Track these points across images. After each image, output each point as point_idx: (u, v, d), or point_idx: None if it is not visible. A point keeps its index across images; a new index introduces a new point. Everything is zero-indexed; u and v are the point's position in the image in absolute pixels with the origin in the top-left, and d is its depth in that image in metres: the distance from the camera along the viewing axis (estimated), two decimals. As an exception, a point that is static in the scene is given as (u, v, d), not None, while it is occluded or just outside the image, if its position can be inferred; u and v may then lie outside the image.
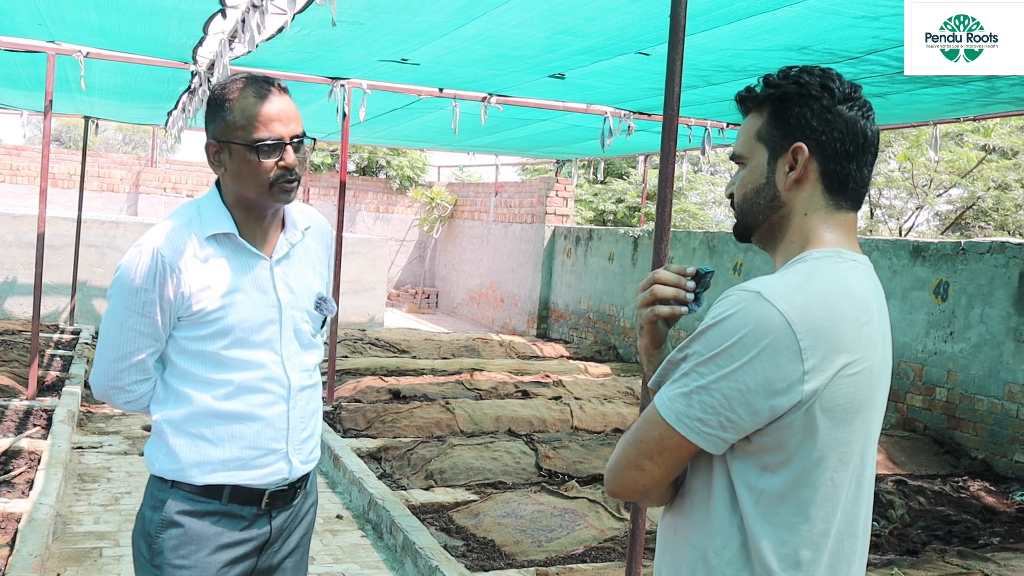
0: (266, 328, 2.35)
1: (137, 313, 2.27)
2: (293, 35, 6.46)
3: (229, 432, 2.33)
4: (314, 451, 2.51)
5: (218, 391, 2.32)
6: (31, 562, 4.42)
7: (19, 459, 6.13)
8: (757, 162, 1.68)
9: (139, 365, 2.33)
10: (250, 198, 2.32)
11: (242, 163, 2.27)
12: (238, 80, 2.31)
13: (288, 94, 2.33)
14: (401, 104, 9.60)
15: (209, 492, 2.32)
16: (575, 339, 13.90)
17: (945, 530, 5.87)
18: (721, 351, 1.51)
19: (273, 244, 2.41)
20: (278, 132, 2.26)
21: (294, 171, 2.30)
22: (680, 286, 1.69)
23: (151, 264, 2.25)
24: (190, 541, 2.29)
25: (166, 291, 2.26)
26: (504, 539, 5.27)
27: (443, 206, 19.01)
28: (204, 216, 2.33)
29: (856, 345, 1.54)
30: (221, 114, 2.29)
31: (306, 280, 2.47)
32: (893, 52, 5.81)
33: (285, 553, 2.47)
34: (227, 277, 2.31)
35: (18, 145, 19.48)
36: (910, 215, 19.13)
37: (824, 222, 1.65)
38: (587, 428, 8.07)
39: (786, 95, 1.64)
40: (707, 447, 1.54)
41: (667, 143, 3.53)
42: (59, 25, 6.84)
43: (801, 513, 1.55)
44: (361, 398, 8.62)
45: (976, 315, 7.64)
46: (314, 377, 2.50)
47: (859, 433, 1.58)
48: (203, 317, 2.29)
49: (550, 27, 5.88)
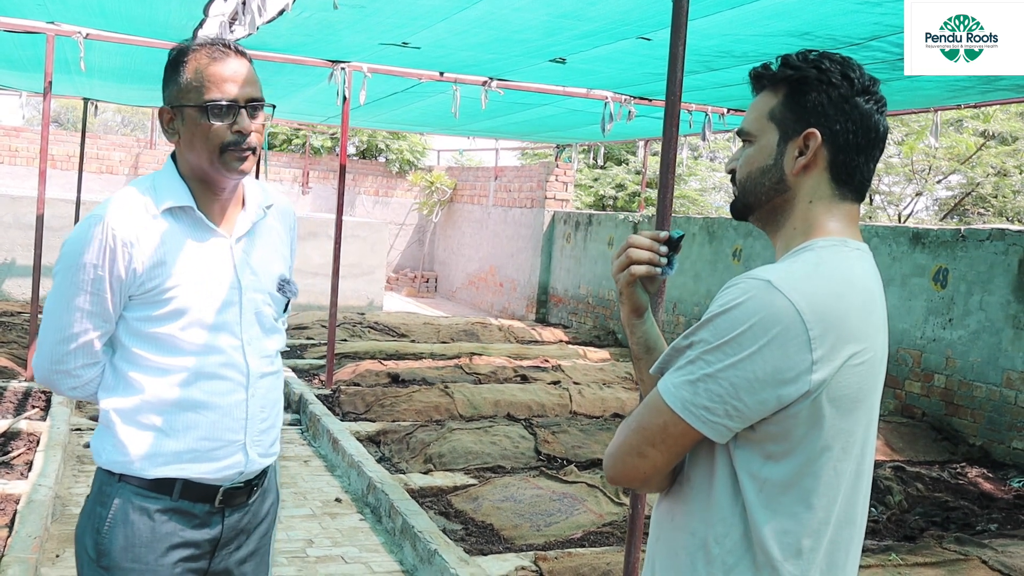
0: (225, 310, 2.21)
1: (85, 291, 2.11)
2: (294, 17, 6.44)
3: (184, 422, 2.17)
4: (274, 444, 2.36)
5: (172, 378, 2.16)
6: (30, 543, 4.43)
7: (18, 440, 6.13)
8: (766, 142, 1.66)
9: (86, 348, 2.16)
10: (203, 167, 2.16)
11: (193, 127, 2.13)
12: (194, 43, 2.18)
13: (246, 58, 2.20)
14: (401, 88, 9.58)
15: (159, 487, 2.17)
16: (574, 324, 13.90)
17: (943, 516, 5.89)
18: (730, 339, 1.49)
19: (233, 222, 2.27)
20: (231, 93, 2.12)
21: (248, 137, 2.14)
22: (653, 249, 1.70)
23: (100, 238, 2.09)
24: (140, 541, 2.14)
25: (116, 268, 2.10)
26: (503, 523, 5.28)
27: (443, 190, 18.98)
28: (159, 188, 2.18)
29: (863, 334, 1.54)
30: (175, 77, 2.16)
31: (269, 261, 2.32)
32: (894, 39, 5.79)
33: (242, 556, 2.32)
34: (183, 254, 2.16)
35: (17, 126, 19.40)
36: (909, 201, 19.11)
37: (828, 211, 1.63)
38: (586, 413, 8.08)
39: (805, 78, 1.62)
40: (713, 436, 1.53)
41: (669, 128, 3.51)
42: (59, 6, 6.81)
43: (804, 502, 1.54)
44: (360, 382, 8.63)
45: (975, 302, 7.64)
46: (275, 364, 2.35)
47: (862, 422, 1.58)
48: (156, 296, 2.14)
49: (551, 11, 5.86)
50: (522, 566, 4.62)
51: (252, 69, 2.20)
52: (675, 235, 1.71)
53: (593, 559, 4.65)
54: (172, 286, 2.14)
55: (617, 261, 1.73)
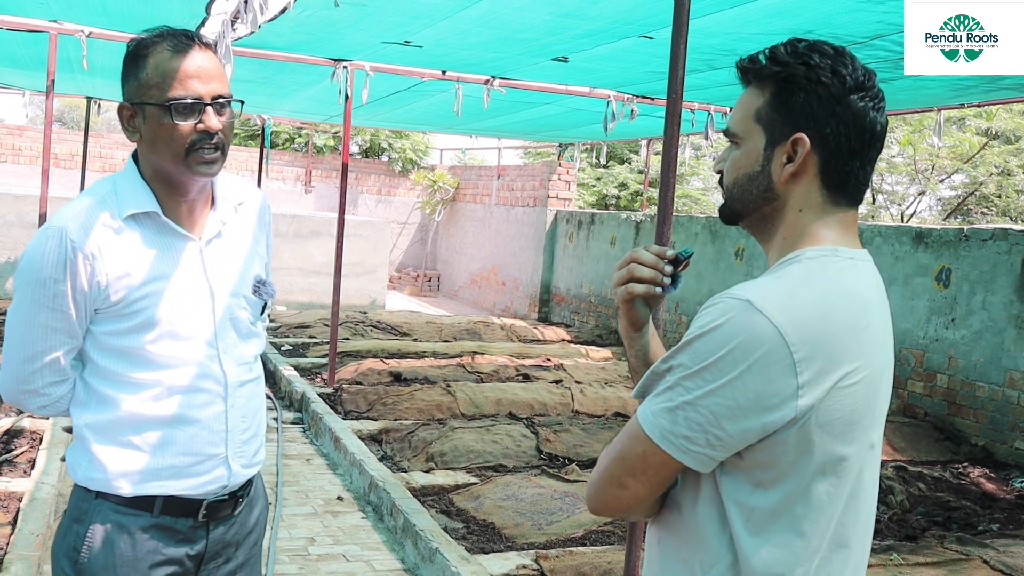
0: (197, 319, 2.09)
1: (47, 307, 1.99)
2: (296, 16, 6.44)
3: (160, 438, 2.06)
4: (258, 453, 2.25)
5: (146, 393, 2.05)
6: (33, 541, 4.44)
7: (21, 439, 6.14)
8: (753, 146, 1.54)
9: (52, 365, 2.04)
10: (167, 169, 2.03)
11: (156, 127, 1.99)
12: (154, 35, 2.03)
13: (212, 51, 2.07)
14: (404, 87, 9.58)
15: (139, 504, 2.06)
16: (576, 323, 13.90)
17: (945, 516, 5.88)
18: (708, 364, 1.39)
19: (202, 223, 2.14)
20: (196, 91, 1.98)
21: (215, 136, 2.01)
22: (658, 268, 1.60)
23: (59, 250, 1.96)
24: (121, 561, 2.04)
25: (78, 281, 1.97)
26: (504, 522, 5.28)
27: (445, 189, 18.98)
28: (121, 193, 2.05)
29: (855, 353, 1.43)
30: (135, 72, 2.02)
31: (242, 262, 2.20)
32: (897, 37, 5.78)
33: (231, 569, 2.23)
34: (149, 262, 2.04)
35: (20, 125, 19.43)
36: (912, 201, 19.10)
37: (819, 219, 1.52)
38: (588, 412, 8.08)
39: (792, 76, 1.48)
40: (694, 466, 1.44)
41: (671, 127, 3.51)
42: (61, 4, 6.82)
43: (794, 530, 1.44)
44: (362, 380, 8.63)
45: (978, 302, 7.64)
46: (254, 370, 2.24)
47: (857, 444, 1.47)
48: (123, 308, 2.02)
49: (554, 10, 5.86)
50: (523, 565, 4.62)
51: (218, 62, 2.08)
52: (684, 254, 1.61)
53: (594, 558, 4.65)
54: (139, 297, 2.02)
55: (618, 274, 1.64)
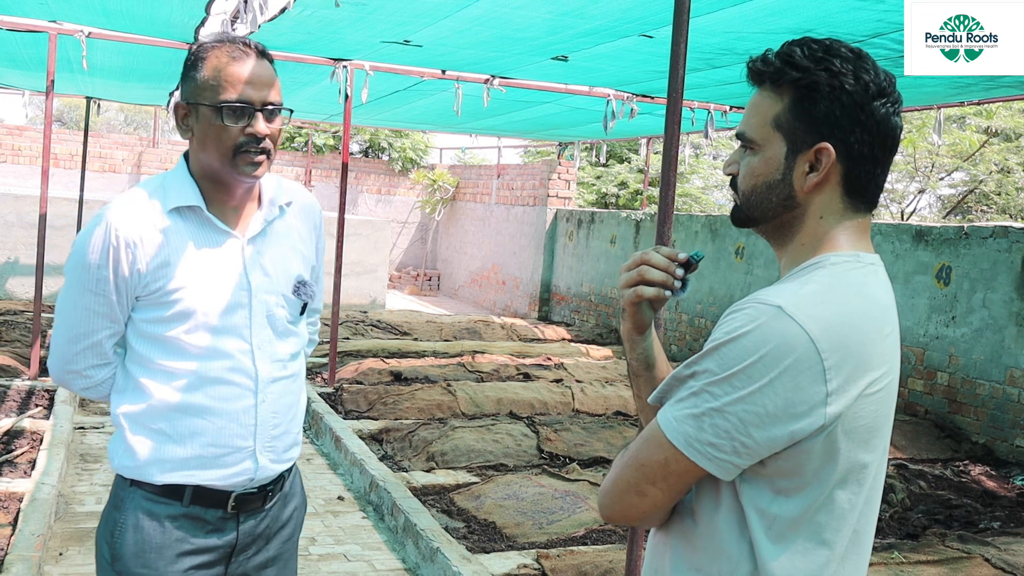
0: (233, 313, 2.16)
1: (91, 292, 2.11)
2: (296, 15, 6.44)
3: (190, 427, 2.14)
4: (290, 450, 2.31)
5: (177, 382, 2.13)
6: (33, 542, 4.44)
7: (21, 439, 6.14)
8: (772, 154, 1.50)
9: (95, 349, 2.16)
10: (214, 168, 2.13)
11: (207, 126, 2.10)
12: (216, 40, 2.13)
13: (268, 60, 2.16)
14: (403, 86, 9.58)
15: (169, 493, 2.15)
16: (577, 322, 13.90)
17: (945, 514, 5.88)
18: (738, 371, 1.36)
19: (247, 222, 2.23)
20: (247, 95, 2.08)
21: (263, 141, 2.11)
22: (669, 271, 1.57)
23: (103, 238, 2.08)
24: (151, 548, 2.12)
25: (120, 268, 2.08)
26: (505, 521, 5.28)
27: (445, 188, 18.98)
28: (168, 188, 2.16)
29: (879, 360, 1.42)
30: (193, 73, 2.12)
31: (284, 262, 2.26)
32: (897, 35, 5.78)
33: (261, 561, 2.29)
34: (189, 255, 2.13)
35: (20, 125, 19.42)
36: (912, 199, 19.09)
37: (839, 224, 1.50)
38: (588, 411, 8.08)
39: (815, 84, 1.44)
40: (719, 473, 1.41)
41: (671, 126, 3.51)
42: (61, 4, 6.81)
43: (816, 538, 1.43)
44: (363, 380, 8.63)
45: (978, 300, 7.64)
46: (289, 368, 2.29)
47: (877, 450, 1.47)
48: (161, 297, 2.11)
49: (554, 8, 5.86)
50: (524, 564, 4.62)
51: (273, 71, 2.18)
52: (695, 257, 1.58)
53: (595, 557, 4.65)
54: (177, 287, 2.11)
55: (626, 275, 1.60)
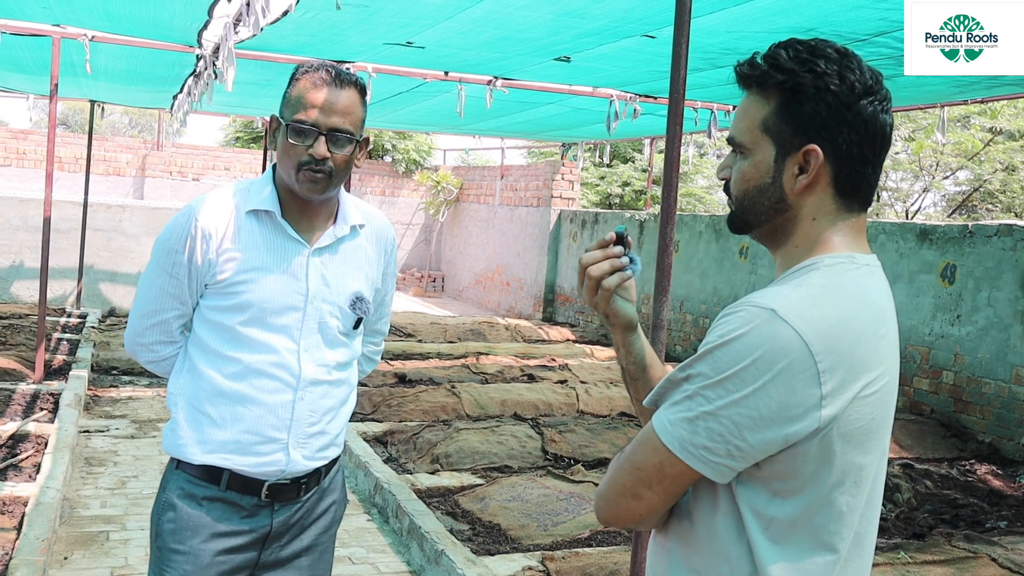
0: (287, 313, 2.33)
1: (167, 273, 2.32)
2: (298, 18, 6.44)
3: (232, 413, 2.31)
4: (326, 450, 2.43)
5: (227, 369, 2.31)
6: (38, 546, 4.44)
7: (26, 443, 6.14)
8: (761, 158, 1.51)
9: (163, 326, 2.37)
10: (286, 179, 2.32)
11: (283, 141, 2.29)
12: (314, 65, 2.31)
13: (354, 90, 2.30)
14: (406, 88, 9.58)
15: (208, 475, 2.31)
16: (581, 323, 13.89)
17: (952, 514, 5.86)
18: (731, 374, 1.37)
19: (318, 234, 2.39)
20: (315, 119, 2.24)
21: (324, 163, 2.25)
22: (608, 255, 1.62)
23: (184, 226, 2.30)
24: (186, 526, 2.29)
25: (194, 255, 2.29)
26: (510, 523, 5.27)
27: (449, 189, 18.99)
28: (251, 192, 2.36)
29: (875, 362, 1.42)
30: (287, 91, 2.32)
31: (346, 277, 2.42)
32: (899, 34, 5.77)
33: (296, 550, 2.43)
34: (256, 253, 2.32)
35: (24, 129, 19.46)
36: (916, 198, 19.06)
37: (833, 226, 1.50)
38: (593, 412, 8.07)
39: (800, 85, 1.45)
40: (714, 476, 1.41)
41: (673, 126, 3.51)
42: (64, 8, 6.82)
43: (814, 539, 1.43)
44: (367, 382, 8.62)
45: (983, 298, 7.62)
46: (334, 374, 2.42)
47: (874, 452, 1.47)
48: (226, 288, 2.30)
49: (556, 9, 5.85)
50: (529, 566, 4.61)
51: (354, 101, 2.30)
52: (619, 231, 1.64)
53: (600, 559, 4.64)
54: (240, 281, 2.30)
55: (584, 289, 1.65)
